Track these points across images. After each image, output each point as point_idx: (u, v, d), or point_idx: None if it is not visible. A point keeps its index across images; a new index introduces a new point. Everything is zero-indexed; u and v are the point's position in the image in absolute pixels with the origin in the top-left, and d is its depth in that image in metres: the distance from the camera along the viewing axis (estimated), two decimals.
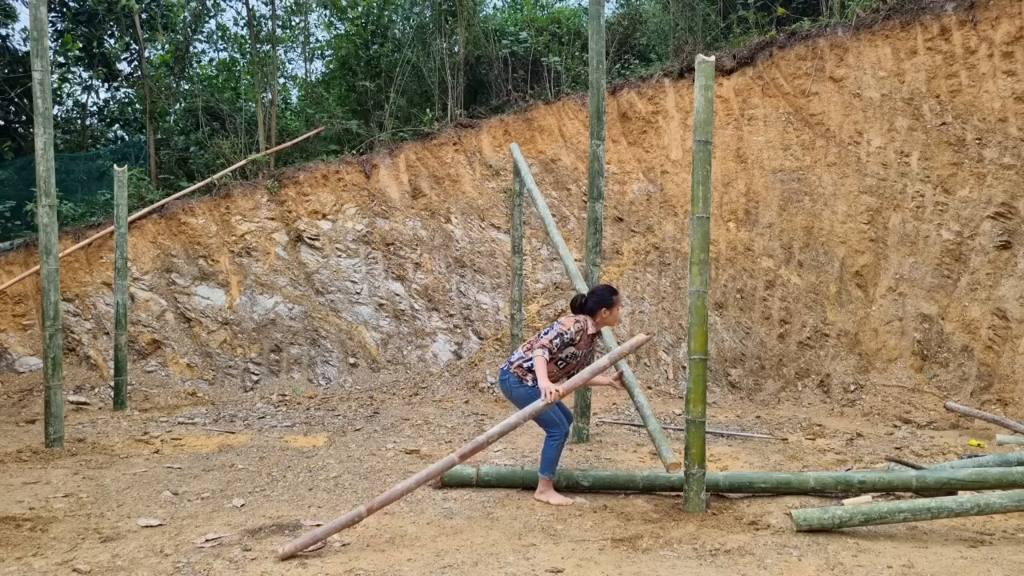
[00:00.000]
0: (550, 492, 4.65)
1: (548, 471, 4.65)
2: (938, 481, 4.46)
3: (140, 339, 10.41)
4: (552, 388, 4.27)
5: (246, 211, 11.70)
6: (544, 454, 4.65)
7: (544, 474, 4.65)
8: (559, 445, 4.61)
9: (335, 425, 7.67)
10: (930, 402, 8.15)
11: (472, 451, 4.05)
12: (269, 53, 14.72)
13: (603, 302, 4.74)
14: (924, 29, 9.89)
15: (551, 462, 4.63)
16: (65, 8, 14.37)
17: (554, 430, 4.61)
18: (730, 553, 3.69)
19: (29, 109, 13.93)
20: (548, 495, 4.63)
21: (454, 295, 11.48)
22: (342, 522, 3.83)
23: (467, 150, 12.59)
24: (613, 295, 4.75)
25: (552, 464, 4.64)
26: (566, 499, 4.59)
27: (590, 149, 6.55)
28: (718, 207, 10.78)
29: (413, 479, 4.00)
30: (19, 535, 4.04)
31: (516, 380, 4.65)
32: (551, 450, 4.61)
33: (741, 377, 9.62)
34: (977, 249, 8.77)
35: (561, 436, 4.61)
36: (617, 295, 4.79)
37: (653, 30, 14.53)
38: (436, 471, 4.04)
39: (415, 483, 3.99)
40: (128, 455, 6.26)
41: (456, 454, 4.04)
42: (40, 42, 6.53)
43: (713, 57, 4.78)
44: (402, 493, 3.98)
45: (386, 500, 3.95)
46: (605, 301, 4.74)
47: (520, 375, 4.63)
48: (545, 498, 4.61)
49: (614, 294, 4.76)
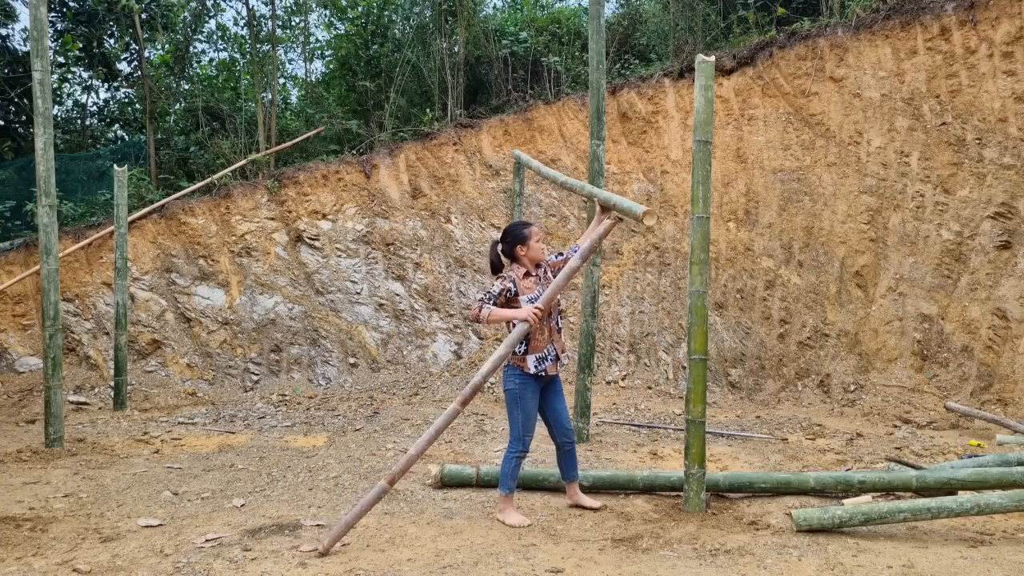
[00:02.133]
0: (507, 510, 4.25)
1: (503, 486, 4.28)
2: (938, 481, 4.46)
3: (140, 339, 10.41)
4: (528, 308, 4.02)
5: (246, 211, 11.70)
6: (501, 466, 4.31)
7: (500, 489, 4.30)
8: (514, 460, 4.25)
9: (335, 425, 7.67)
10: (930, 402, 8.15)
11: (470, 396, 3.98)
12: (269, 53, 14.72)
13: (515, 241, 4.32)
14: (924, 29, 9.89)
15: (505, 477, 4.26)
16: (65, 8, 14.37)
17: (512, 441, 4.26)
18: (730, 553, 3.69)
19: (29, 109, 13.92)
20: (504, 514, 4.24)
21: (454, 295, 11.48)
22: (369, 500, 3.87)
23: (467, 150, 12.59)
24: (523, 228, 4.32)
25: (505, 478, 4.26)
26: (522, 520, 4.19)
27: (590, 149, 6.55)
28: (718, 207, 10.78)
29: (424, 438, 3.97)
30: (19, 535, 4.04)
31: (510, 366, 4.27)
32: (505, 464, 4.27)
33: (741, 377, 9.62)
34: (977, 249, 8.77)
35: (518, 451, 4.25)
36: (528, 227, 4.32)
37: (653, 30, 14.53)
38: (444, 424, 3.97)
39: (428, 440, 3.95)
40: (128, 455, 6.26)
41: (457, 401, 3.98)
42: (40, 42, 6.53)
43: (713, 57, 4.78)
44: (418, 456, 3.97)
45: (404, 467, 3.97)
46: (516, 239, 4.31)
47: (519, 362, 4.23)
48: (501, 517, 4.24)
49: (524, 227, 4.32)
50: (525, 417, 4.26)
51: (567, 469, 4.53)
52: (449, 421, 3.97)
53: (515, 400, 4.26)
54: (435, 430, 3.95)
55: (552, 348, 4.30)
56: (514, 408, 4.27)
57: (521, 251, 4.32)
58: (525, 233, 4.31)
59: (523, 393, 4.25)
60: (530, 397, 4.27)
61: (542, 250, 4.35)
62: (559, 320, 4.39)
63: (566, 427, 4.43)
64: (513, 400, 4.27)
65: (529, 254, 4.31)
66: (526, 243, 4.30)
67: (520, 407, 4.25)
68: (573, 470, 4.53)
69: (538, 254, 4.32)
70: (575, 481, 4.56)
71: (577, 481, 4.57)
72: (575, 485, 4.57)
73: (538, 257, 4.32)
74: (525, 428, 4.26)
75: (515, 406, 4.26)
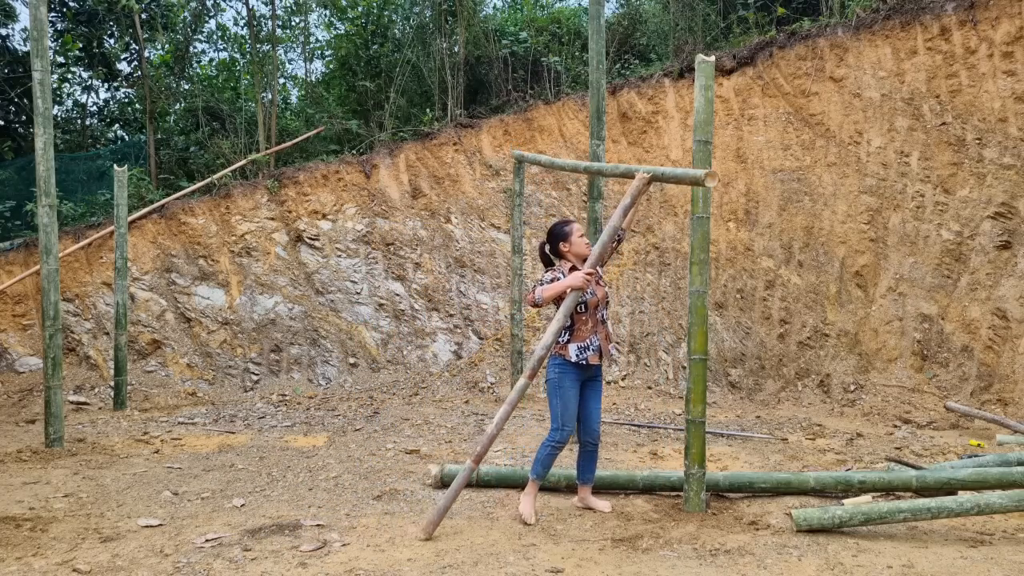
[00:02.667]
0: (528, 497, 4.34)
1: (533, 471, 4.37)
2: (938, 481, 4.46)
3: (140, 339, 10.41)
4: (579, 273, 4.10)
5: (246, 211, 11.70)
6: (537, 451, 4.41)
7: (530, 473, 4.39)
8: (548, 448, 4.31)
9: (335, 425, 7.67)
10: (930, 402, 8.15)
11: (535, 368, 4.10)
12: (269, 53, 14.72)
13: (557, 239, 4.45)
14: (924, 29, 9.89)
15: (537, 462, 4.35)
16: (65, 8, 14.38)
17: (552, 430, 4.32)
18: (730, 553, 3.69)
19: (29, 109, 13.93)
20: (524, 499, 4.34)
21: (454, 295, 11.48)
22: (460, 483, 4.01)
23: (467, 150, 12.59)
24: (564, 226, 4.46)
25: (537, 464, 4.35)
26: (531, 515, 4.24)
27: (590, 149, 6.55)
28: (718, 207, 10.78)
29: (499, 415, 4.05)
30: (19, 535, 4.04)
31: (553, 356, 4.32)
32: (541, 449, 4.35)
33: (741, 377, 9.62)
34: (977, 249, 8.77)
35: (555, 440, 4.29)
36: (569, 224, 4.46)
37: (653, 30, 14.53)
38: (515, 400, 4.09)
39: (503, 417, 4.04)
40: (128, 455, 6.26)
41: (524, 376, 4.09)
42: (40, 42, 6.53)
43: (713, 57, 4.78)
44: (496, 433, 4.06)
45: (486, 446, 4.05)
46: (560, 236, 4.44)
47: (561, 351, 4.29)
48: (521, 498, 4.37)
49: (564, 225, 4.46)
50: (564, 407, 4.30)
51: (584, 470, 4.53)
52: (520, 394, 4.11)
53: (554, 389, 4.33)
54: (509, 405, 4.06)
55: (595, 339, 4.34)
56: (553, 397, 4.33)
57: (565, 247, 4.43)
58: (567, 230, 4.43)
59: (561, 382, 4.30)
60: (569, 386, 4.31)
61: (585, 244, 4.44)
62: (605, 313, 4.44)
63: (594, 428, 4.46)
64: (553, 389, 4.34)
65: (573, 249, 4.41)
66: (568, 239, 4.42)
67: (559, 396, 4.31)
68: (590, 472, 4.54)
69: (582, 248, 4.41)
70: (589, 484, 4.56)
71: (591, 484, 4.56)
72: (587, 488, 4.56)
73: (582, 252, 4.40)
74: (564, 418, 4.30)
75: (554, 395, 4.33)
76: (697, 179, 3.96)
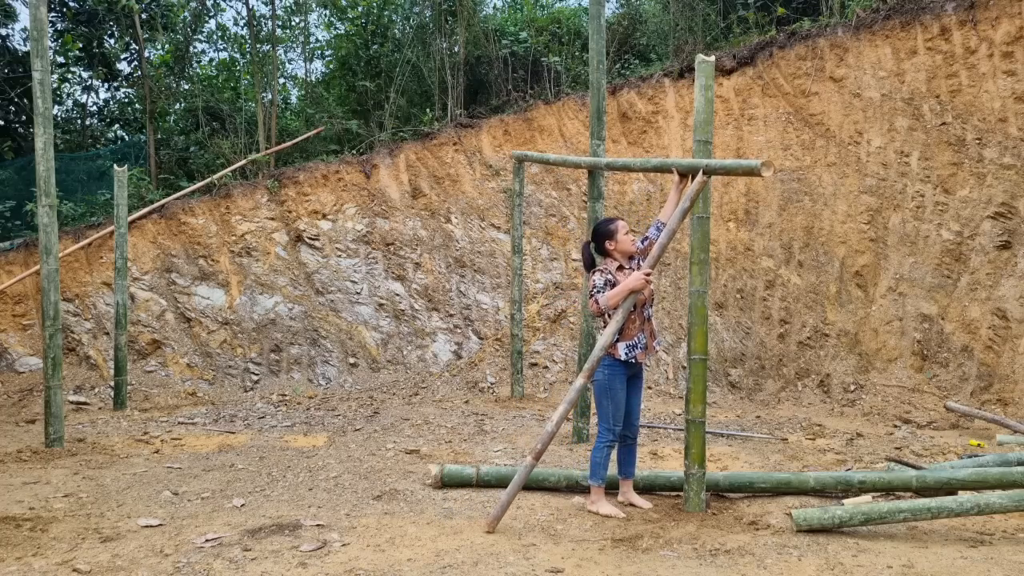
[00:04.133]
0: (600, 501, 4.36)
1: (594, 477, 4.38)
2: (938, 481, 4.46)
3: (140, 339, 10.41)
4: (637, 274, 4.13)
5: (246, 211, 11.70)
6: (591, 457, 4.41)
7: (591, 480, 4.39)
8: (605, 450, 4.34)
9: (335, 425, 7.67)
10: (930, 402, 8.15)
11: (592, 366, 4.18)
12: (269, 53, 14.72)
13: (603, 237, 4.44)
14: (924, 29, 9.89)
15: (596, 466, 4.36)
16: (65, 8, 14.37)
17: (602, 431, 4.33)
18: (730, 553, 3.69)
19: (29, 109, 13.92)
20: (597, 504, 4.35)
21: (454, 295, 11.48)
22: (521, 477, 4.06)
23: (467, 150, 12.59)
24: (609, 224, 4.44)
25: (598, 468, 4.36)
26: (617, 511, 4.29)
27: (590, 149, 6.55)
28: (718, 207, 10.78)
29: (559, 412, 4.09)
30: (19, 535, 4.03)
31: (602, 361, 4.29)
32: (596, 452, 4.36)
33: (741, 377, 9.62)
34: (977, 249, 8.77)
35: (608, 441, 4.32)
36: (614, 222, 4.44)
37: (653, 30, 14.54)
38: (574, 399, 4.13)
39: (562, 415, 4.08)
40: (128, 455, 6.26)
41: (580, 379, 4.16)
42: (40, 42, 6.53)
43: (713, 57, 4.77)
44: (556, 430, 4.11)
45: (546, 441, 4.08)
46: (605, 235, 4.43)
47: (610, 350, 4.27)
48: (594, 508, 4.34)
49: (610, 223, 4.45)
50: (615, 407, 4.34)
51: (625, 463, 4.57)
52: (579, 394, 4.20)
53: (604, 390, 4.34)
54: (568, 404, 4.12)
55: (642, 336, 4.38)
56: (603, 398, 4.34)
57: (611, 245, 4.42)
58: (612, 228, 4.42)
59: (612, 383, 4.33)
60: (619, 387, 4.35)
61: (631, 241, 4.45)
62: (650, 311, 4.47)
63: (634, 423, 4.52)
64: (602, 390, 4.35)
65: (619, 247, 4.41)
66: (614, 237, 4.41)
67: (610, 397, 4.34)
68: (631, 466, 4.58)
69: (628, 246, 4.43)
70: (630, 478, 4.60)
71: (632, 479, 4.60)
72: (630, 482, 4.60)
73: (628, 249, 4.43)
74: (615, 418, 4.35)
75: (604, 396, 4.34)
76: (752, 169, 4.00)
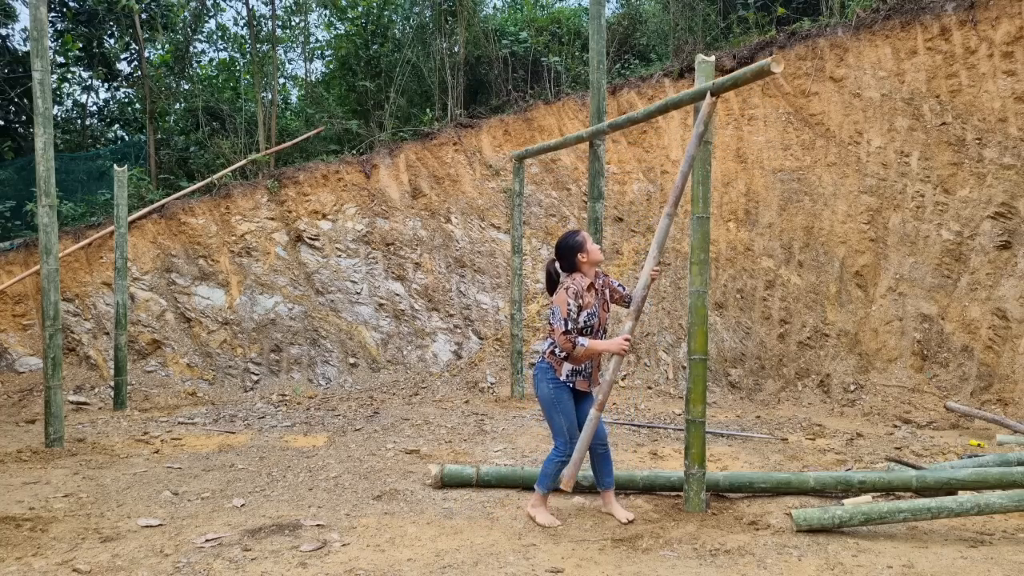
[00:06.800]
0: (539, 508, 4.29)
1: (541, 484, 4.30)
2: (938, 481, 4.46)
3: (140, 339, 10.41)
4: (618, 340, 4.07)
5: (246, 211, 11.70)
6: (543, 466, 4.31)
7: (537, 486, 4.32)
8: (558, 463, 4.22)
9: (335, 425, 7.67)
10: (930, 402, 8.15)
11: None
12: (269, 53, 14.73)
13: (573, 251, 4.25)
14: (924, 29, 9.89)
15: (544, 476, 4.27)
16: (65, 8, 14.37)
17: (558, 442, 4.23)
18: (730, 553, 3.69)
19: (29, 109, 13.93)
20: (536, 510, 4.28)
21: (454, 295, 11.48)
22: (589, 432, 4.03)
23: (467, 150, 12.59)
24: (575, 237, 4.27)
25: (545, 478, 4.27)
26: (553, 520, 4.22)
27: (590, 149, 6.55)
28: (718, 207, 10.78)
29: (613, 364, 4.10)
30: (19, 535, 4.04)
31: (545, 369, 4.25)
32: (548, 464, 4.26)
33: (741, 377, 9.62)
34: (977, 249, 8.76)
35: (564, 455, 4.21)
36: (579, 233, 4.30)
37: (653, 30, 14.54)
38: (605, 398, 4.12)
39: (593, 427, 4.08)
40: (128, 455, 6.26)
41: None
42: (40, 42, 6.53)
43: (713, 57, 4.78)
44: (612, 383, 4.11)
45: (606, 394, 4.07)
46: (574, 249, 4.25)
47: (555, 364, 4.22)
48: (533, 513, 4.28)
49: (575, 235, 4.28)
50: (567, 419, 4.22)
51: (603, 474, 4.42)
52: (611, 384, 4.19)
53: (552, 404, 4.23)
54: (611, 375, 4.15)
55: (590, 365, 4.28)
56: (552, 412, 4.24)
57: (583, 257, 4.26)
58: (580, 240, 4.27)
59: (559, 395, 4.22)
60: (567, 399, 4.24)
61: (598, 249, 4.36)
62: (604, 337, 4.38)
63: (600, 431, 4.33)
64: (550, 404, 4.24)
65: (590, 258, 4.27)
66: (584, 248, 4.26)
67: (559, 410, 4.22)
68: (608, 475, 4.42)
69: (597, 255, 4.31)
70: (610, 488, 4.44)
71: (612, 489, 4.45)
72: (610, 493, 4.44)
73: (598, 258, 4.32)
74: (571, 430, 4.22)
75: (553, 410, 4.23)
76: (763, 68, 4.06)
